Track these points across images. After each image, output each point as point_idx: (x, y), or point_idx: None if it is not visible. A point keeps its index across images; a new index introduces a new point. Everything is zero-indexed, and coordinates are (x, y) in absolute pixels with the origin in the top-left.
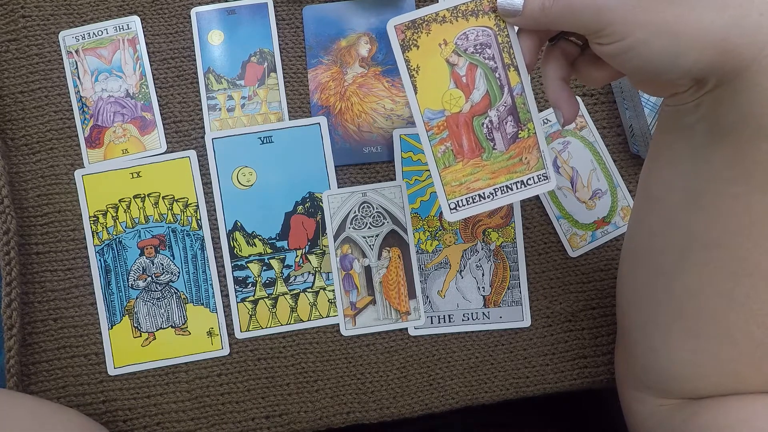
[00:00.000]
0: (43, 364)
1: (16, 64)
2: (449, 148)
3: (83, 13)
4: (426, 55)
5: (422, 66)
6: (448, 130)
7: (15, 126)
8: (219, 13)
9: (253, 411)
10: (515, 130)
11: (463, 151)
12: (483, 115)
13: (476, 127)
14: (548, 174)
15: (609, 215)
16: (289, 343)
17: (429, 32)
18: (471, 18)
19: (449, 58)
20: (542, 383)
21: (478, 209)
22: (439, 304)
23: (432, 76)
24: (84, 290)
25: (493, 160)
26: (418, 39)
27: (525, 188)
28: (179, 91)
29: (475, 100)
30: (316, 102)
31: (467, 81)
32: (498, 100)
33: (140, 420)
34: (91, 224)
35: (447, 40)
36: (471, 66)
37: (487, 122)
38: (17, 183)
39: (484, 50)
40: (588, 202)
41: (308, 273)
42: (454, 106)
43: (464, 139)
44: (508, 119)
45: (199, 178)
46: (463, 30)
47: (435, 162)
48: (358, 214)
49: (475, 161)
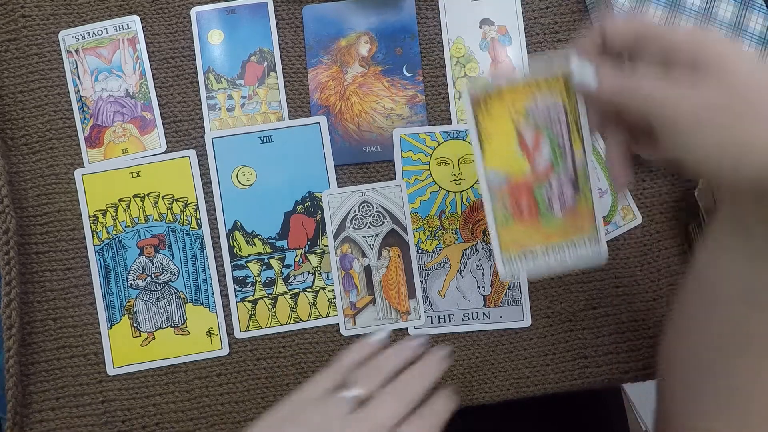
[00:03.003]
0: (42, 363)
1: (16, 63)
2: (509, 211)
3: (83, 12)
4: (496, 121)
5: (491, 130)
6: (509, 192)
7: (15, 126)
8: (219, 12)
9: (252, 411)
10: (573, 197)
11: (522, 213)
12: (544, 181)
13: (536, 192)
14: (600, 240)
15: (609, 215)
16: (288, 343)
17: (502, 100)
18: (543, 89)
19: (518, 125)
20: (542, 383)
21: (529, 266)
22: (439, 304)
23: (499, 140)
24: (83, 290)
25: (549, 223)
26: (491, 106)
27: (575, 250)
28: (179, 91)
29: (538, 166)
30: (316, 101)
31: (533, 148)
32: (560, 168)
33: (139, 420)
34: (91, 224)
35: (518, 108)
36: (538, 134)
37: (547, 188)
38: (17, 182)
39: (552, 120)
40: None
41: (308, 273)
42: (518, 170)
43: (524, 202)
44: (567, 186)
45: (198, 178)
46: (535, 100)
47: (494, 219)
48: (358, 214)
49: (531, 222)
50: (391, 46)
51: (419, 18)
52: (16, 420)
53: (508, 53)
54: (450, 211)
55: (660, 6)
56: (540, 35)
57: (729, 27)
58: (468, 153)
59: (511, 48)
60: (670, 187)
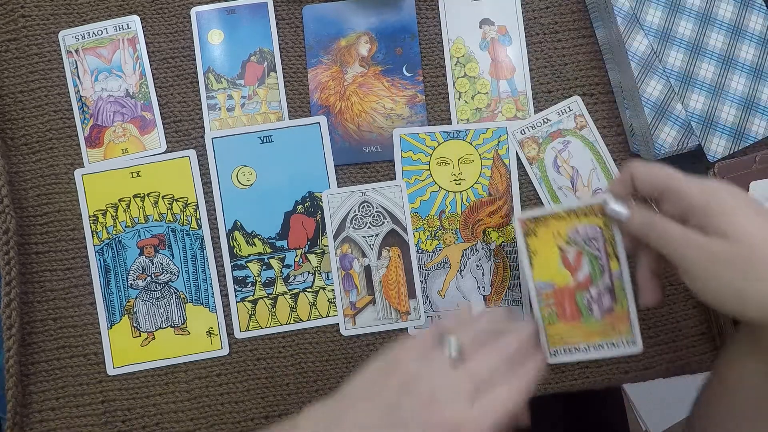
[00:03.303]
0: (42, 363)
1: (16, 63)
2: (554, 311)
3: (83, 12)
4: (542, 242)
5: (538, 249)
6: (554, 299)
7: (15, 126)
8: (219, 12)
9: (252, 411)
10: (611, 304)
11: (565, 315)
12: (585, 290)
13: (578, 299)
14: (636, 340)
15: None
16: (288, 343)
17: (547, 226)
18: (583, 217)
19: (561, 245)
20: (543, 383)
21: (573, 358)
22: (439, 304)
23: (545, 257)
24: (83, 290)
25: (590, 324)
26: (538, 229)
27: (613, 348)
28: (179, 91)
29: (579, 279)
30: (315, 101)
31: (574, 264)
32: (598, 280)
33: (139, 420)
34: (91, 224)
35: (561, 233)
36: (579, 253)
37: (587, 296)
38: (17, 182)
39: (591, 242)
40: None
41: (308, 273)
42: (562, 281)
43: (567, 306)
44: (606, 295)
45: (198, 178)
46: (576, 226)
47: (541, 319)
48: (358, 214)
49: (574, 323)
50: (391, 46)
51: (419, 18)
52: (16, 420)
53: (508, 53)
54: (450, 211)
55: (660, 6)
56: (540, 35)
57: (729, 27)
58: (468, 153)
59: (511, 48)
60: None
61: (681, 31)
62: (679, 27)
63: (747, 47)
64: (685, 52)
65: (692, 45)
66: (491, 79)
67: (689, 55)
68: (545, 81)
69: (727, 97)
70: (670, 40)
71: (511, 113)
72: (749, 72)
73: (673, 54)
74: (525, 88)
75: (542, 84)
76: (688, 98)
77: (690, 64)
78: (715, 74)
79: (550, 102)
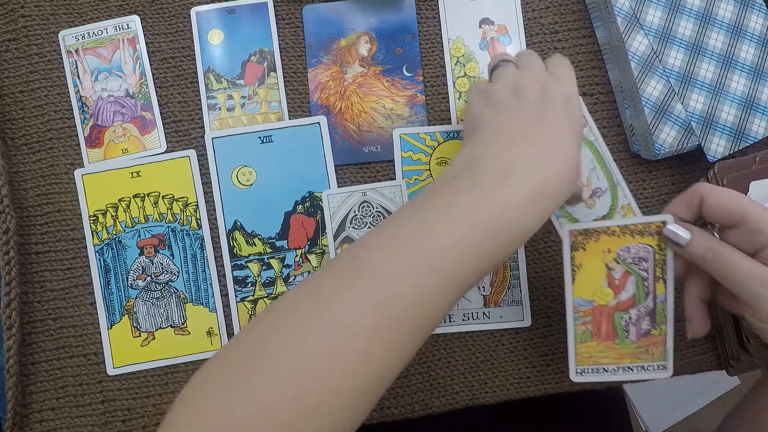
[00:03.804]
0: (42, 363)
1: (16, 63)
2: (589, 329)
3: (83, 12)
4: (589, 257)
5: (584, 265)
6: (591, 317)
7: (15, 126)
8: (219, 12)
9: None
10: (649, 327)
11: (600, 334)
12: (625, 311)
13: (616, 319)
14: (667, 366)
15: (609, 213)
16: None
17: (597, 240)
18: (637, 236)
19: (609, 263)
20: (543, 383)
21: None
22: None
23: (590, 274)
24: (83, 290)
25: (623, 346)
26: (587, 243)
27: (643, 372)
28: (179, 91)
29: (621, 299)
30: (315, 101)
31: (619, 284)
32: (641, 302)
33: (139, 420)
34: (91, 224)
35: (611, 249)
36: (626, 273)
37: (627, 317)
38: (17, 182)
39: (641, 263)
40: (588, 201)
41: (308, 273)
42: (602, 300)
43: (603, 326)
44: (645, 318)
45: (198, 178)
46: (627, 244)
47: (574, 336)
48: (358, 214)
49: (607, 344)
50: (391, 46)
51: (419, 18)
52: (16, 420)
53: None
54: None
55: (660, 6)
56: (540, 35)
57: (729, 27)
58: None
59: (511, 48)
60: (670, 186)
61: (681, 31)
62: (679, 27)
63: (747, 47)
64: (685, 52)
65: (692, 45)
66: None
67: (689, 55)
68: None
69: (727, 97)
70: (670, 40)
71: None
72: (749, 72)
73: (673, 54)
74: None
75: None
76: (688, 98)
77: (690, 64)
78: (715, 74)
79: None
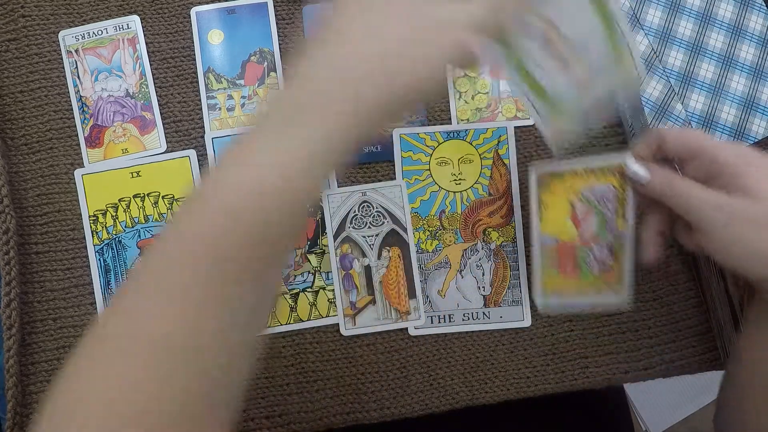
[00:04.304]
0: (42, 363)
1: (16, 63)
2: (555, 263)
3: (83, 12)
4: (555, 196)
5: (550, 203)
6: (557, 251)
7: (15, 126)
8: (219, 12)
9: (252, 411)
10: (609, 262)
11: (565, 268)
12: (587, 246)
13: (579, 254)
14: (624, 293)
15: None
16: (288, 343)
17: (563, 180)
18: (600, 176)
19: (573, 201)
20: (543, 383)
21: (562, 303)
22: (439, 304)
23: (555, 212)
24: (83, 290)
25: (585, 278)
26: (552, 183)
27: (602, 298)
28: (179, 91)
29: (584, 235)
30: None
31: (582, 221)
32: (602, 238)
33: None
34: (91, 224)
35: (575, 189)
36: (589, 211)
37: (588, 252)
38: (17, 182)
39: (603, 201)
40: None
41: (308, 272)
42: (567, 236)
43: (568, 261)
44: (606, 253)
45: (198, 178)
46: (591, 184)
47: (541, 270)
48: (358, 214)
49: (572, 276)
50: None
51: None
52: (16, 420)
53: None
54: (450, 211)
55: (660, 6)
56: None
57: (729, 27)
58: (468, 153)
59: None
60: None
61: (681, 31)
62: (679, 27)
63: (747, 47)
64: (685, 52)
65: (692, 45)
66: (491, 78)
67: (689, 55)
68: None
69: (727, 97)
70: (670, 39)
71: (512, 113)
72: (749, 72)
73: (673, 54)
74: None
75: None
76: (688, 98)
77: (690, 64)
78: (715, 74)
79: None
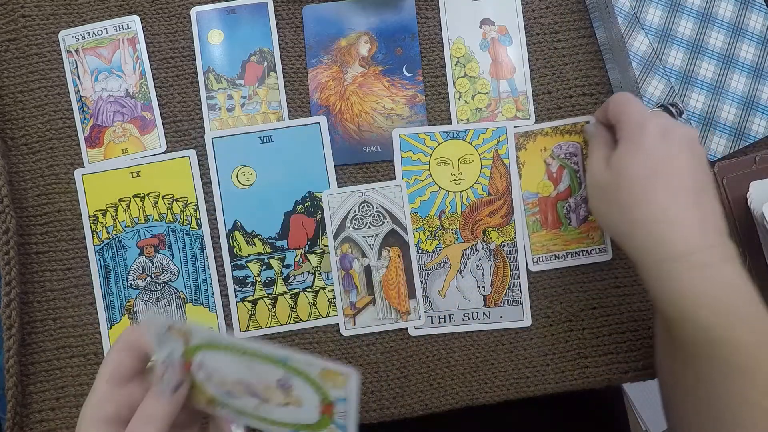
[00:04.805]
0: (42, 363)
1: (16, 63)
2: (538, 219)
3: (83, 12)
4: (530, 155)
5: (526, 162)
6: (539, 207)
7: (15, 125)
8: (219, 12)
9: None
10: (586, 214)
11: (548, 223)
12: (565, 200)
13: (558, 208)
14: (606, 248)
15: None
16: (288, 343)
17: (535, 140)
18: (566, 135)
19: (546, 159)
20: (543, 383)
21: (553, 265)
22: (439, 304)
23: (532, 169)
24: (83, 290)
25: (568, 232)
26: (527, 144)
27: (587, 255)
28: (179, 91)
29: (560, 189)
30: (315, 101)
31: (556, 176)
32: (576, 192)
33: None
34: (91, 224)
35: (547, 147)
36: (560, 166)
37: (567, 206)
38: (17, 182)
39: (572, 157)
40: None
41: (308, 272)
42: (545, 191)
43: (549, 215)
44: (582, 206)
45: (198, 178)
46: (559, 142)
47: (526, 227)
48: (358, 214)
49: (554, 231)
50: (391, 46)
51: (419, 18)
52: (16, 420)
53: (508, 53)
54: (450, 211)
55: (660, 6)
56: (540, 35)
57: (729, 26)
58: (468, 153)
59: (512, 48)
60: None
61: (681, 31)
62: (680, 26)
63: (747, 47)
64: (685, 52)
65: (692, 44)
66: (491, 79)
67: (689, 54)
68: (545, 81)
69: (728, 96)
70: (670, 39)
71: (512, 113)
72: (749, 71)
73: (673, 53)
74: (525, 88)
75: (542, 84)
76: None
77: (690, 64)
78: (716, 73)
79: (550, 102)
